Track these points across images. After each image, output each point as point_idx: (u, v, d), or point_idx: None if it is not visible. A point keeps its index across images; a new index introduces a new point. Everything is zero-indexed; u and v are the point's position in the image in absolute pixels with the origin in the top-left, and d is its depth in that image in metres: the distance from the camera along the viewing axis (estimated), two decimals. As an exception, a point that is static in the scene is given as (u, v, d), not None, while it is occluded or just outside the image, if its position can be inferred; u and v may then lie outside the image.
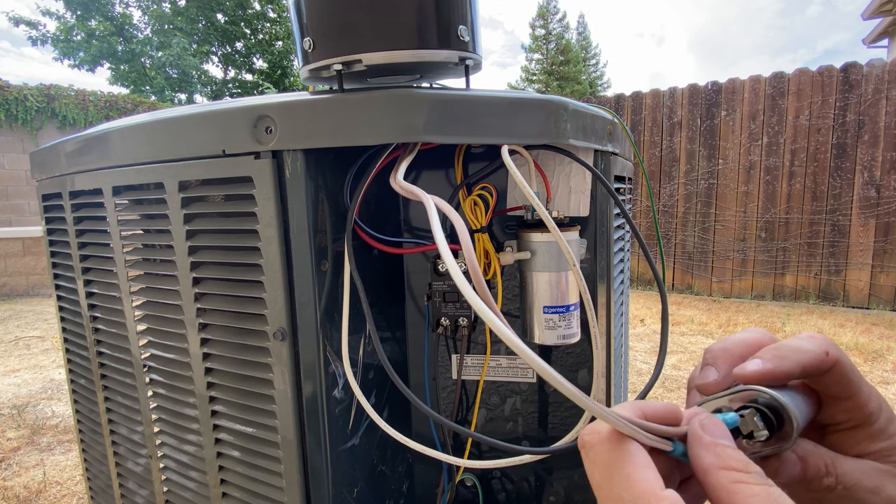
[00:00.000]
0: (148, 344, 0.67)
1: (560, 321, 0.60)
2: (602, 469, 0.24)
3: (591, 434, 0.26)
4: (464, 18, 0.53)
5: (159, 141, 0.58)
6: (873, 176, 4.12)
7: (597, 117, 0.60)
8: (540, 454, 0.51)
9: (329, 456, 0.56)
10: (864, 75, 4.09)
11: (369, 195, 0.65)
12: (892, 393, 2.52)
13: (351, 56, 0.51)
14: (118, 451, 0.78)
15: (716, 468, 0.23)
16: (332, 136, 0.49)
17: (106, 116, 7.56)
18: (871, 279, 4.20)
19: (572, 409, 0.72)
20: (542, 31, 27.85)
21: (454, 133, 0.49)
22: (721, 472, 0.23)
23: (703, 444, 0.24)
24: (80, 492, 1.75)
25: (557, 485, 0.74)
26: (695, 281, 4.92)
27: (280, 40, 14.68)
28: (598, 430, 0.25)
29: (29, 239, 5.21)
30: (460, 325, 0.65)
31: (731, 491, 0.22)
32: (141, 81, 13.01)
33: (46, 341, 3.60)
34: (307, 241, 0.52)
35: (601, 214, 0.64)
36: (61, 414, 2.37)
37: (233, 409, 0.59)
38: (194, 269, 0.58)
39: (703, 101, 4.70)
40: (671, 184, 4.92)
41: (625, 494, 0.23)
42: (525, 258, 0.61)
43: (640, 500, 0.22)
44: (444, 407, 0.77)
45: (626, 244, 0.96)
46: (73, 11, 11.94)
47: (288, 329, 0.53)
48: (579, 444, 0.26)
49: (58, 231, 0.81)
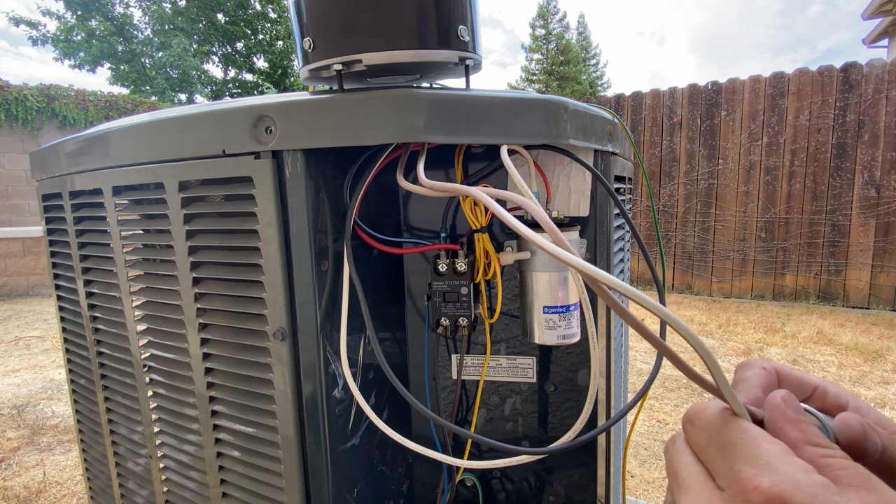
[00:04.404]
0: (148, 344, 0.67)
1: (560, 321, 0.60)
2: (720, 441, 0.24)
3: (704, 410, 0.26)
4: (464, 18, 0.53)
5: (159, 141, 0.58)
6: (873, 176, 4.12)
7: (597, 117, 0.60)
8: (539, 454, 0.51)
9: (329, 456, 0.56)
10: (864, 75, 4.09)
11: (369, 195, 0.65)
12: (892, 393, 2.52)
13: (351, 56, 0.51)
14: (118, 451, 0.78)
15: (803, 443, 0.23)
16: (332, 136, 0.49)
17: (106, 116, 7.56)
18: (871, 279, 4.20)
19: (572, 408, 0.72)
20: (542, 31, 27.85)
21: (454, 133, 0.49)
22: (808, 448, 0.23)
23: (789, 420, 0.24)
24: (80, 492, 1.75)
25: (557, 485, 0.74)
26: (695, 281, 4.92)
27: (280, 40, 14.69)
28: (710, 408, 0.26)
29: (29, 239, 5.21)
30: (460, 325, 0.65)
31: (821, 465, 0.22)
32: (141, 81, 13.02)
33: (46, 341, 3.60)
34: (307, 241, 0.52)
35: (601, 214, 0.64)
36: (61, 414, 2.37)
37: (233, 409, 0.59)
38: (194, 269, 0.58)
39: (703, 101, 4.70)
40: (671, 184, 4.92)
41: (757, 458, 0.22)
42: (525, 258, 0.61)
43: (775, 457, 0.22)
44: (444, 407, 0.77)
45: (626, 244, 0.96)
46: (74, 11, 11.94)
47: (288, 329, 0.53)
48: (686, 417, 0.27)
49: (58, 231, 0.81)
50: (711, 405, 0.26)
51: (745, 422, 0.24)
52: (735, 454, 0.23)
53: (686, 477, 0.25)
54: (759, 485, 0.21)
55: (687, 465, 0.25)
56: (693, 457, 0.26)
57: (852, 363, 2.94)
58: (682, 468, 0.25)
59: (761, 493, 0.21)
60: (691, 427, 0.26)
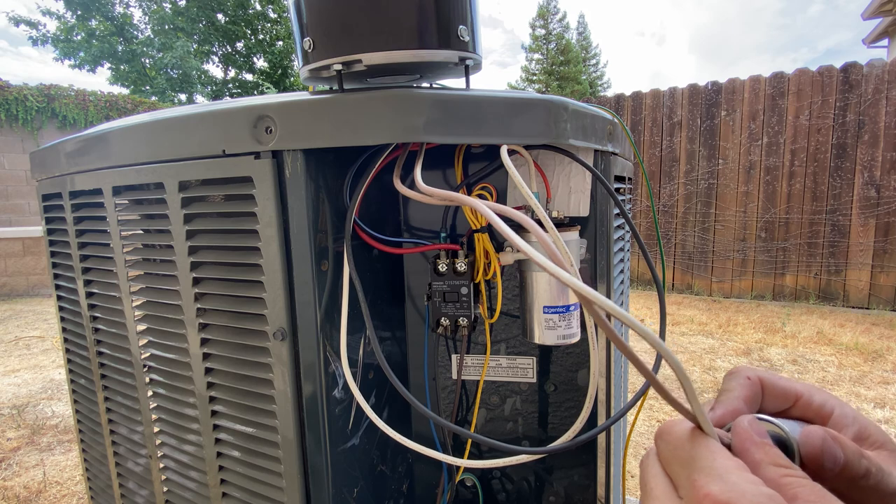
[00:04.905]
0: (148, 344, 0.67)
1: (560, 321, 0.60)
2: (683, 455, 0.26)
3: (673, 426, 0.28)
4: (464, 18, 0.53)
5: (159, 141, 0.58)
6: (873, 176, 4.12)
7: (597, 117, 0.60)
8: (539, 454, 0.51)
9: (329, 456, 0.56)
10: (864, 75, 4.09)
11: (369, 195, 0.65)
12: (892, 393, 2.52)
13: (351, 56, 0.51)
14: (118, 451, 0.78)
15: (766, 463, 0.25)
16: (332, 136, 0.49)
17: (106, 116, 7.56)
18: (871, 279, 4.20)
19: (572, 408, 0.72)
20: (542, 31, 27.85)
21: (454, 133, 0.49)
22: (771, 468, 0.25)
23: (754, 442, 0.26)
24: (80, 492, 1.75)
25: (557, 485, 0.74)
26: (695, 281, 4.92)
27: (280, 40, 14.69)
28: (679, 425, 0.28)
29: (29, 239, 5.22)
30: (460, 325, 0.65)
31: (782, 484, 0.24)
32: (141, 81, 13.02)
33: (46, 341, 3.60)
34: (307, 241, 0.52)
35: (601, 214, 0.64)
36: (61, 414, 2.37)
37: (233, 409, 0.59)
38: (194, 269, 0.58)
39: (703, 101, 4.70)
40: (671, 184, 4.92)
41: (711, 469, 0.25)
42: (525, 258, 0.61)
43: (728, 470, 0.24)
44: (444, 407, 0.77)
45: (626, 244, 0.96)
46: (74, 11, 11.94)
47: (288, 329, 0.53)
48: (658, 433, 0.29)
49: (58, 231, 0.81)
50: (681, 422, 0.28)
51: (709, 439, 0.26)
52: (694, 466, 0.25)
53: (653, 488, 0.27)
54: (709, 492, 0.23)
55: (654, 477, 0.28)
56: (661, 469, 0.28)
57: (852, 363, 2.94)
58: (650, 479, 0.28)
59: (711, 500, 0.23)
60: (661, 442, 0.28)
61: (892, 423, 2.21)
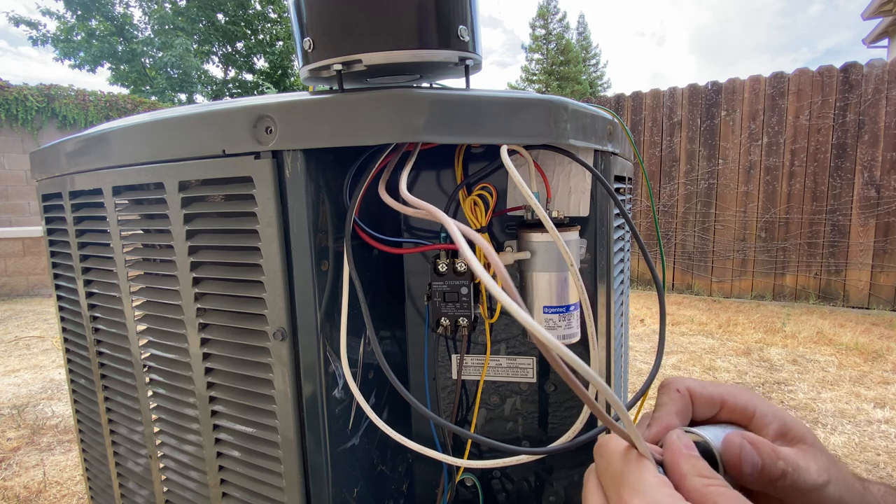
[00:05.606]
0: (148, 344, 0.67)
1: (560, 321, 0.60)
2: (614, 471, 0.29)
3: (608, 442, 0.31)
4: (464, 18, 0.53)
5: (159, 141, 0.58)
6: (873, 176, 4.12)
7: (597, 117, 0.60)
8: (539, 454, 0.51)
9: (329, 456, 0.56)
10: (864, 75, 4.09)
11: (369, 195, 0.65)
12: (892, 393, 2.52)
13: (351, 56, 0.51)
14: (118, 451, 0.78)
15: (692, 474, 0.28)
16: (332, 136, 0.49)
17: (106, 116, 7.56)
18: (871, 279, 4.20)
19: (572, 408, 0.72)
20: (542, 31, 27.86)
21: (454, 133, 0.49)
22: (696, 478, 0.28)
23: (682, 455, 0.29)
24: (80, 492, 1.75)
25: (557, 485, 0.74)
26: (695, 281, 4.92)
27: (281, 40, 14.69)
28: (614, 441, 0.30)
29: (29, 239, 5.22)
30: (460, 325, 0.65)
31: (704, 493, 0.27)
32: (141, 81, 13.02)
33: (46, 341, 3.60)
34: (307, 241, 0.52)
35: (601, 214, 0.64)
36: (61, 414, 2.37)
37: (233, 409, 0.59)
38: (194, 269, 0.58)
39: (703, 101, 4.70)
40: (671, 184, 4.92)
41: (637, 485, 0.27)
42: (525, 258, 0.61)
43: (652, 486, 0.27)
44: (444, 407, 0.77)
45: (626, 244, 0.96)
46: (74, 11, 11.94)
47: (288, 329, 0.53)
48: (596, 448, 0.31)
49: (58, 231, 0.81)
50: (615, 440, 0.30)
51: (639, 457, 0.28)
52: (623, 482, 0.28)
53: (589, 500, 0.30)
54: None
55: (591, 491, 0.30)
56: (597, 483, 0.30)
57: (852, 363, 2.94)
58: (588, 492, 0.30)
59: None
60: (598, 457, 0.31)
61: (892, 423, 2.21)
